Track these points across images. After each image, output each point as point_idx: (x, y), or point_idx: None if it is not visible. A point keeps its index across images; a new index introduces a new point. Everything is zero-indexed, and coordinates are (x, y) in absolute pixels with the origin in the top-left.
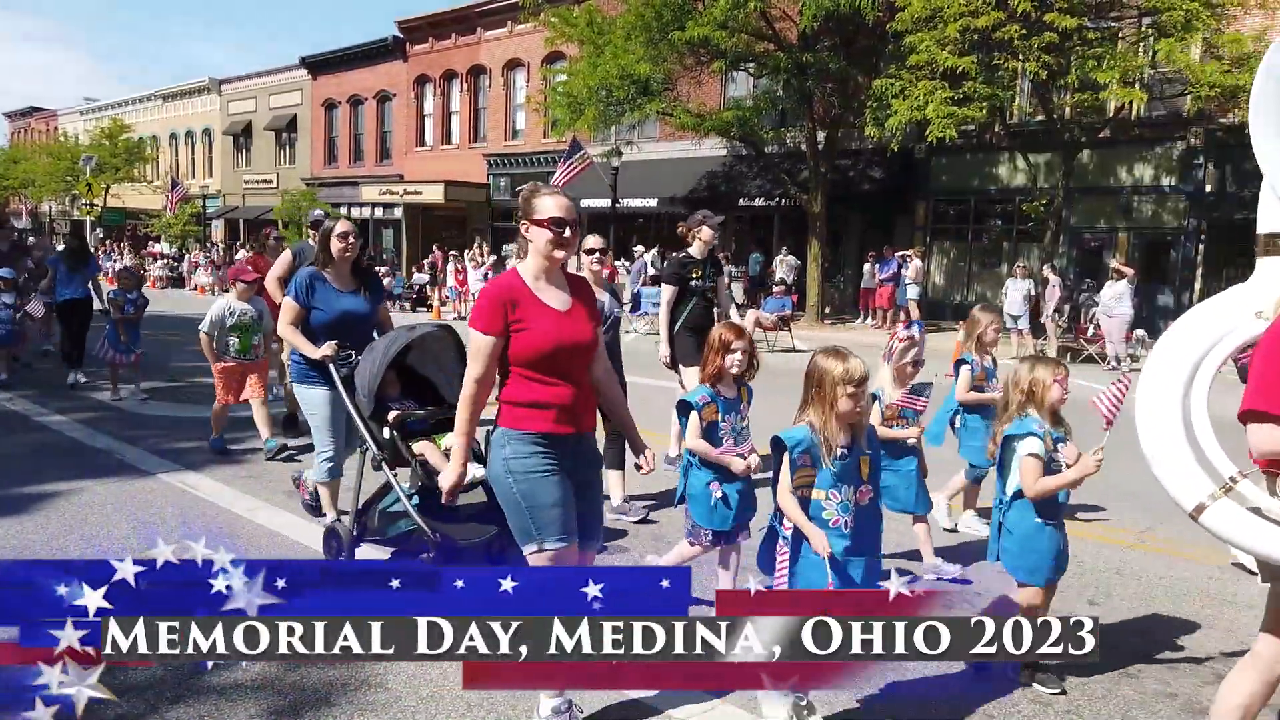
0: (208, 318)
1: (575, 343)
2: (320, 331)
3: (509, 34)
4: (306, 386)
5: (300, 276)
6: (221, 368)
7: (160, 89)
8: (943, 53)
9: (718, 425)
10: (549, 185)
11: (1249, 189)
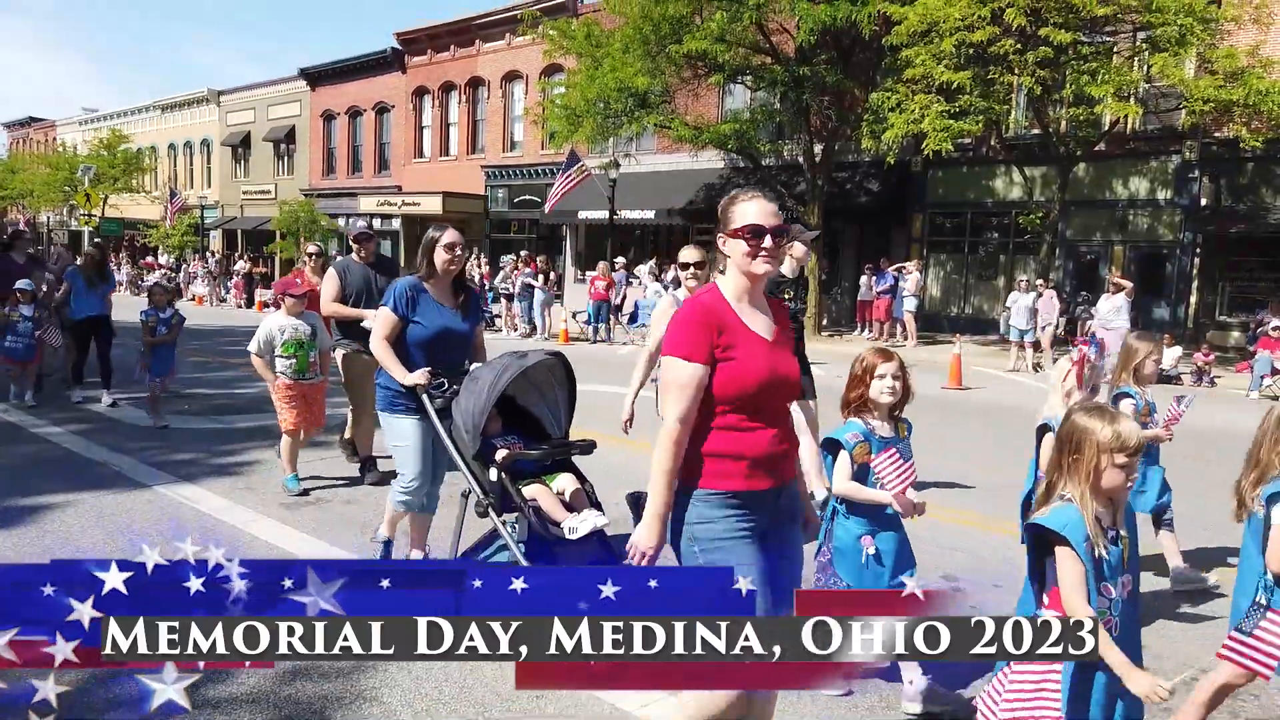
0: (256, 338)
1: (785, 378)
2: (416, 348)
3: (507, 46)
4: (394, 415)
5: (401, 286)
6: (285, 385)
7: (159, 99)
8: (939, 67)
9: (870, 469)
10: (749, 189)
11: (1243, 202)
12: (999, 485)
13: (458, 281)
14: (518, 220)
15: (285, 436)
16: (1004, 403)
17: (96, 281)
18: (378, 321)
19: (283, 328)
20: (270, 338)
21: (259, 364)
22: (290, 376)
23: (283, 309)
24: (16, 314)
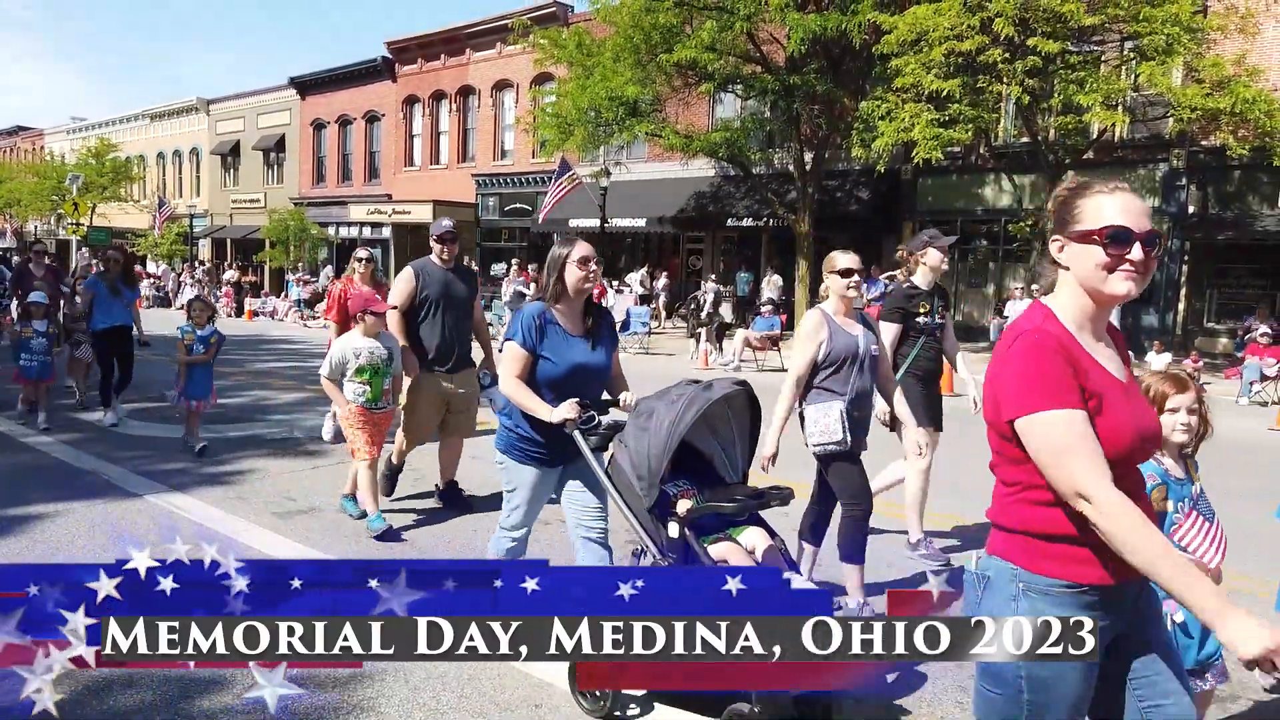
0: (328, 359)
1: (1150, 434)
2: (546, 389)
3: (498, 55)
4: (519, 461)
5: (528, 315)
6: (360, 409)
7: (148, 108)
8: (928, 76)
9: (1169, 516)
10: (1102, 180)
11: (1230, 210)
12: None
13: (587, 302)
14: (508, 229)
15: (363, 469)
16: None
17: (120, 288)
18: (506, 359)
19: (358, 350)
20: (344, 360)
21: (330, 388)
22: (363, 404)
23: (359, 328)
24: (30, 329)
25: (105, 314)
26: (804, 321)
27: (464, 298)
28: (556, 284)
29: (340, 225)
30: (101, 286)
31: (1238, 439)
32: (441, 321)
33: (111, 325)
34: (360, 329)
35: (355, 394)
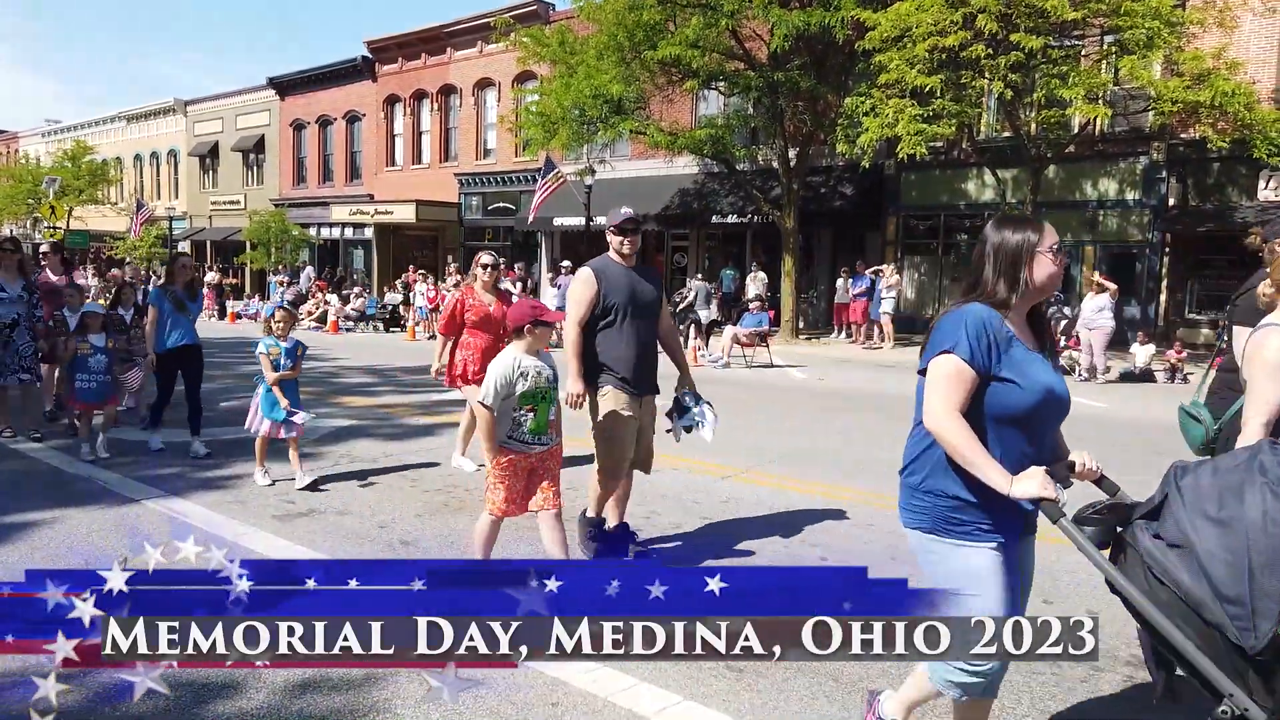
0: (491, 381)
1: None
2: (1008, 427)
3: (479, 54)
4: (963, 541)
5: (975, 320)
6: (507, 461)
7: (124, 110)
8: (912, 71)
9: None
10: None
11: (1210, 202)
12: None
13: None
14: (492, 228)
15: (486, 518)
16: None
17: (186, 303)
18: (940, 384)
19: (524, 369)
20: (509, 383)
21: (489, 422)
22: (526, 437)
23: (523, 342)
24: (86, 345)
25: (171, 332)
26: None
27: (653, 301)
28: (1012, 281)
29: (322, 226)
30: (166, 301)
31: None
32: (632, 332)
33: (178, 345)
34: (523, 343)
35: (519, 423)
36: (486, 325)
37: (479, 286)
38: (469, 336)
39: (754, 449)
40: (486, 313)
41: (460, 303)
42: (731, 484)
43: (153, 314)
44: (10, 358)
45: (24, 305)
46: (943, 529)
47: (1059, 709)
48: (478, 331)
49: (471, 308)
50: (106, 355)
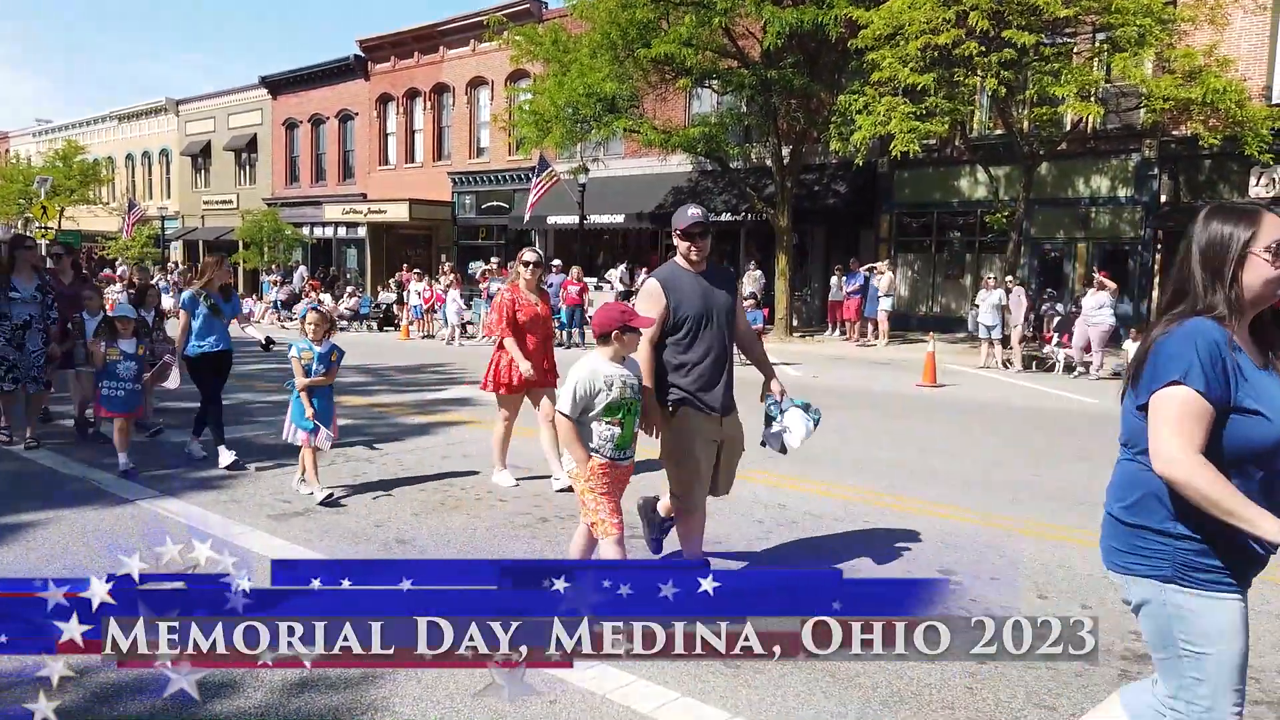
0: (571, 391)
1: None
2: (1244, 464)
3: (472, 52)
4: (1202, 593)
5: (1208, 341)
6: (602, 469)
7: (116, 109)
8: (904, 69)
9: None
10: None
11: (1202, 199)
12: (1001, 481)
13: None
14: (486, 227)
15: (610, 546)
16: (979, 398)
17: (222, 306)
18: (1171, 420)
19: (609, 379)
20: (593, 392)
21: (573, 432)
22: (610, 454)
23: (608, 349)
24: (115, 350)
25: (207, 335)
26: None
27: (728, 309)
28: (1231, 286)
29: (315, 225)
30: (199, 304)
31: None
32: (706, 345)
33: (214, 350)
34: (608, 350)
35: (602, 438)
36: (535, 326)
37: (524, 285)
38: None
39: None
40: (535, 312)
41: (511, 303)
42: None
43: (184, 319)
44: (21, 360)
45: (38, 306)
46: (1188, 578)
47: (1054, 703)
48: (526, 333)
49: (521, 308)
50: (136, 362)
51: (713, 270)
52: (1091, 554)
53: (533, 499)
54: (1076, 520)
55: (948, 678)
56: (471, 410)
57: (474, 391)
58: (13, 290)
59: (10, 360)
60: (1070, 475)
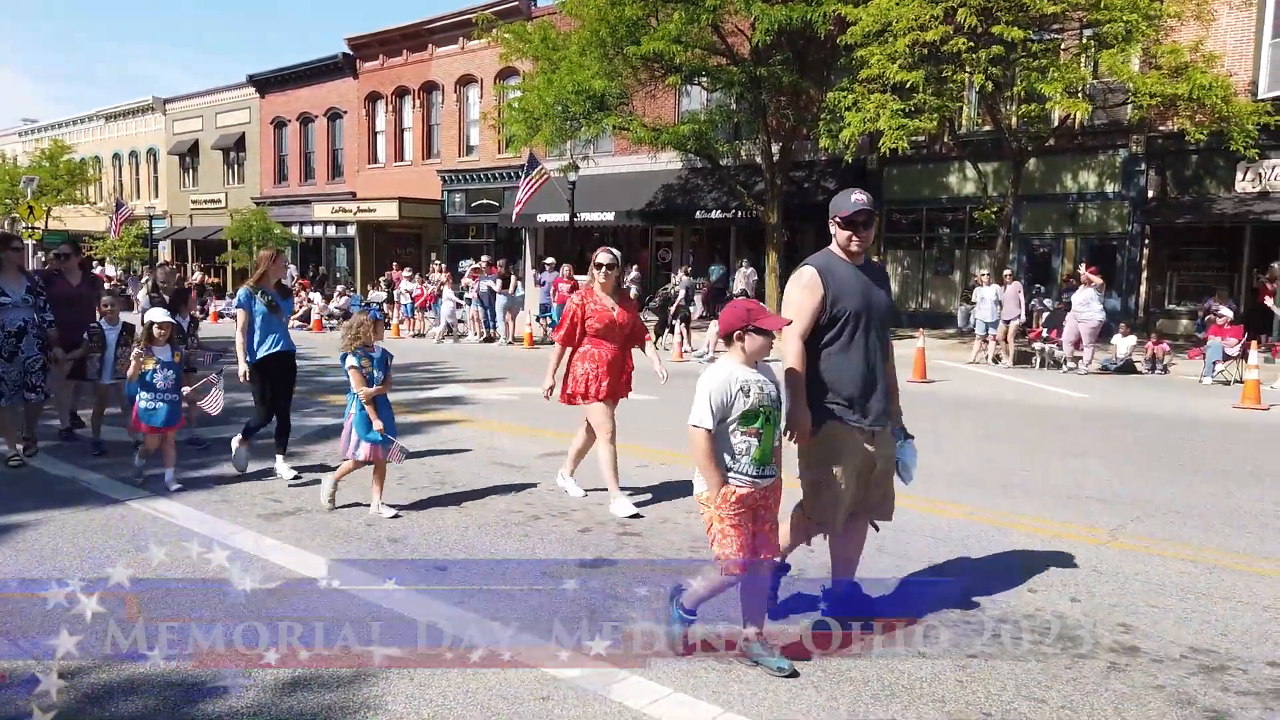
0: (705, 401)
1: None
2: None
3: (461, 50)
4: None
5: None
6: (737, 499)
7: (102, 109)
8: (893, 66)
9: None
10: None
11: (1189, 194)
12: (991, 476)
13: None
14: (476, 225)
15: (718, 577)
16: (970, 394)
17: (280, 303)
18: None
19: (745, 384)
20: (728, 400)
21: (710, 448)
22: (747, 472)
23: (742, 350)
24: (152, 359)
25: (265, 336)
26: None
27: (887, 310)
28: None
29: (304, 224)
30: (257, 303)
31: (1207, 418)
32: (863, 348)
33: (274, 351)
34: (739, 354)
35: (738, 451)
36: (611, 333)
37: (598, 289)
38: (591, 346)
39: None
40: (611, 318)
41: (580, 308)
42: None
43: (243, 318)
44: (16, 372)
45: (30, 310)
46: None
47: (1044, 695)
48: (601, 341)
49: (594, 313)
50: (174, 370)
51: (869, 265)
52: (1080, 547)
53: (524, 496)
54: (1067, 515)
55: (939, 672)
56: (463, 409)
57: (466, 390)
58: (2, 295)
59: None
60: (1060, 470)
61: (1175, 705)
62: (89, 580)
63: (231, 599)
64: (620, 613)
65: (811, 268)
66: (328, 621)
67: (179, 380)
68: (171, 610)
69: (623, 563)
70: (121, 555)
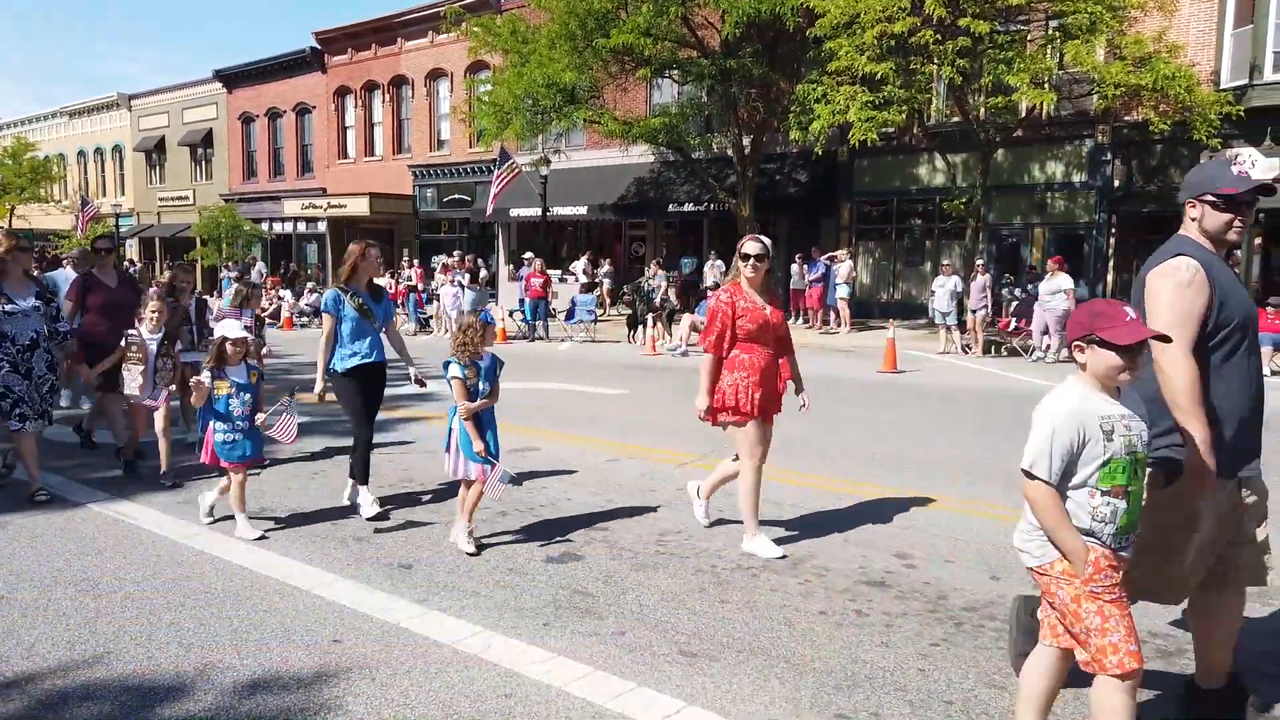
0: (1044, 440)
1: None
2: None
3: (430, 44)
4: None
5: None
6: (1109, 565)
7: (66, 105)
8: (861, 58)
9: None
10: None
11: (1154, 183)
12: (956, 464)
13: None
14: (448, 220)
15: (1118, 688)
16: (938, 384)
17: (373, 306)
18: None
19: (1106, 420)
20: (1080, 438)
21: (1059, 508)
22: (1106, 541)
23: (1086, 378)
24: (226, 383)
25: (353, 345)
26: None
27: (1255, 321)
28: None
29: (274, 221)
30: (343, 304)
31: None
32: (1246, 371)
33: (365, 362)
34: (1087, 376)
35: (1096, 518)
36: (764, 336)
37: (746, 284)
38: (740, 353)
39: (713, 436)
40: (764, 318)
41: (730, 307)
42: (687, 471)
43: (328, 324)
44: (28, 393)
45: (40, 320)
46: None
47: (1004, 683)
48: (753, 345)
49: (745, 313)
50: (251, 393)
51: (1228, 260)
52: None
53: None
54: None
55: (901, 660)
56: (434, 406)
57: (436, 386)
58: (9, 303)
59: (17, 393)
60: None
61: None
62: (44, 584)
63: (193, 601)
64: (587, 607)
65: (1190, 259)
66: (287, 622)
67: (256, 404)
68: (132, 614)
69: (589, 558)
70: (81, 558)
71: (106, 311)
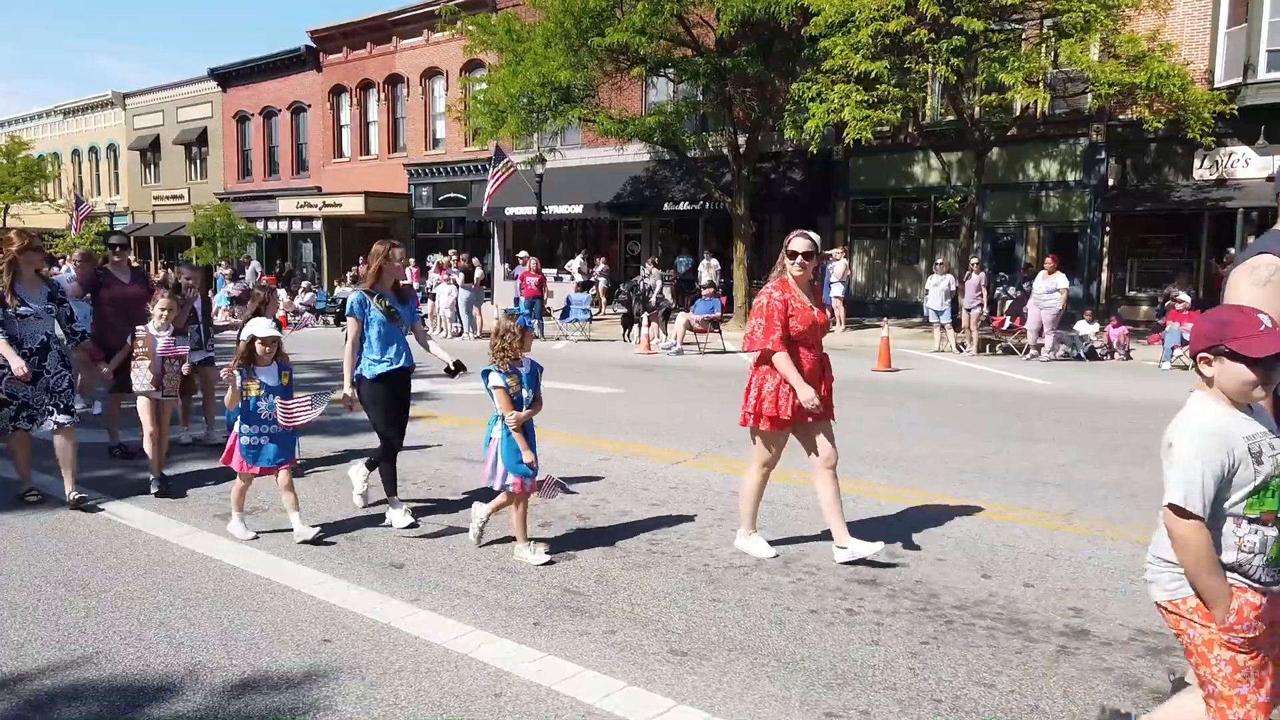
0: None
1: None
2: None
3: (425, 43)
4: None
5: None
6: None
7: (61, 104)
8: (856, 57)
9: None
10: None
11: (1148, 182)
12: (949, 462)
13: None
14: (444, 218)
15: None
16: (932, 382)
17: (399, 309)
18: None
19: (1253, 440)
20: (1231, 466)
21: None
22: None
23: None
24: (255, 384)
25: (382, 350)
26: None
27: None
28: None
29: (269, 220)
30: (369, 306)
31: (1165, 402)
32: None
33: (395, 368)
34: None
35: (1245, 549)
36: (812, 338)
37: (793, 283)
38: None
39: (707, 434)
40: (812, 319)
41: (784, 304)
42: (681, 470)
43: (354, 329)
44: (40, 395)
45: (52, 320)
46: None
47: (993, 680)
48: (801, 347)
49: (795, 312)
50: (283, 395)
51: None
52: (1035, 532)
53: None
54: (1022, 500)
55: (891, 659)
56: (431, 405)
57: (432, 385)
58: (21, 305)
59: (21, 397)
60: (1017, 456)
61: (1122, 687)
62: (34, 584)
63: (183, 601)
64: (578, 606)
65: (1275, 259)
66: (278, 621)
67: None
68: (122, 613)
69: (581, 557)
70: (72, 558)
71: (120, 307)
